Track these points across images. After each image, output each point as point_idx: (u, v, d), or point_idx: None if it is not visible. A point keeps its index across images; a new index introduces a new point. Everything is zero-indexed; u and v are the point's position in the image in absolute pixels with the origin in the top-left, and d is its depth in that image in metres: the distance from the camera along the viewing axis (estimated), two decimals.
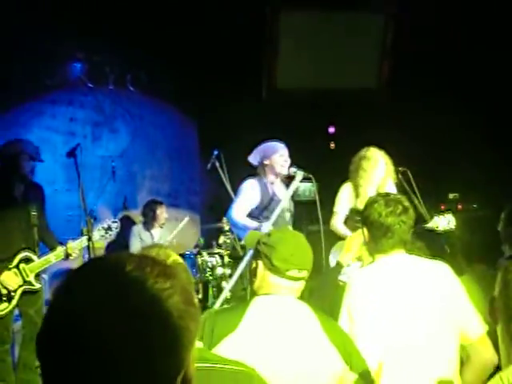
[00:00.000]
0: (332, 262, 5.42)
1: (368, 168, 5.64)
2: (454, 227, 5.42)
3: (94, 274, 0.95)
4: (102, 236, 5.54)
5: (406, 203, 3.09)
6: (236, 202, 5.50)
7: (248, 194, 5.48)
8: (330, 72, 8.56)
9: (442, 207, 6.62)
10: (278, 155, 5.50)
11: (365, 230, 3.11)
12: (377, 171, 5.64)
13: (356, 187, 5.70)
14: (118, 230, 5.66)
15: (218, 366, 1.90)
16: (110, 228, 5.56)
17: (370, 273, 3.06)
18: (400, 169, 5.59)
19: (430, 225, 5.36)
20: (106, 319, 0.88)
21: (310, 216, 7.09)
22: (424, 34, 7.80)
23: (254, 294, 2.58)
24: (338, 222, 5.71)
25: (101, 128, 8.44)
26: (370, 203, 3.10)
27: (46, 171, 5.54)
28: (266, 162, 5.53)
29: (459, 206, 7.96)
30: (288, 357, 2.32)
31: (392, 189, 5.64)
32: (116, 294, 0.90)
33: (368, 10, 8.34)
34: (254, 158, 5.63)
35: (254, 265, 2.60)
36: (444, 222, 5.43)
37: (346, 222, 5.73)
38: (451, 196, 6.78)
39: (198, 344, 2.07)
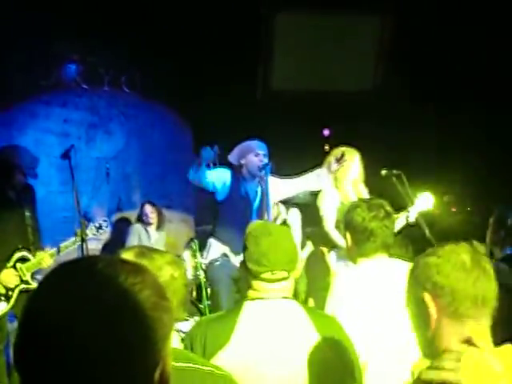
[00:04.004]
0: (334, 263, 5.39)
1: (345, 164, 5.59)
2: (432, 206, 5.42)
3: (64, 276, 0.96)
4: (94, 235, 5.54)
5: (388, 208, 3.13)
6: None
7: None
8: (325, 73, 8.56)
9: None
10: (253, 154, 5.35)
11: (347, 234, 3.13)
12: (353, 167, 5.61)
13: (336, 182, 5.61)
14: (108, 228, 5.68)
15: (197, 366, 1.93)
16: (100, 227, 5.55)
17: (352, 276, 3.09)
18: (394, 172, 5.57)
19: (413, 212, 5.33)
20: (79, 317, 0.88)
21: (305, 218, 7.07)
22: (420, 35, 7.81)
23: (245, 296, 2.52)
24: (331, 227, 5.61)
25: (95, 129, 8.43)
26: (353, 208, 3.13)
27: (40, 173, 5.51)
28: (243, 162, 5.39)
29: (453, 209, 7.98)
30: (282, 363, 2.30)
31: (364, 191, 5.64)
32: (88, 290, 0.91)
33: (364, 12, 8.35)
34: (233, 158, 5.49)
35: (241, 268, 2.56)
36: (423, 202, 5.41)
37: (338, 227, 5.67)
38: (445, 198, 6.78)
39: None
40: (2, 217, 5.06)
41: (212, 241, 5.41)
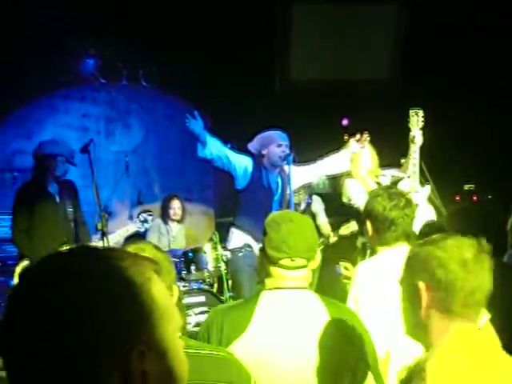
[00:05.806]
0: None
1: (360, 155, 5.57)
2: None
3: (49, 262, 0.99)
4: (139, 228, 5.65)
5: (408, 196, 3.12)
6: None
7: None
8: (343, 63, 8.53)
9: (457, 198, 6.58)
10: (275, 145, 5.23)
11: (368, 222, 3.12)
12: (365, 155, 5.59)
13: (352, 170, 5.57)
14: (153, 221, 5.83)
15: (192, 351, 1.95)
16: (145, 220, 5.66)
17: (374, 264, 3.09)
18: None
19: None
20: (59, 297, 0.91)
21: (326, 208, 7.08)
22: (438, 23, 7.74)
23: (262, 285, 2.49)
24: None
25: (114, 123, 8.48)
26: (374, 196, 3.12)
27: None
28: (264, 152, 5.26)
29: (474, 198, 7.91)
30: (298, 353, 2.29)
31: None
32: (68, 266, 0.95)
33: (380, 1, 8.30)
34: (253, 147, 5.36)
35: (259, 255, 2.54)
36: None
37: None
38: (466, 187, 6.72)
39: None
40: (46, 212, 5.23)
41: (234, 229, 5.41)
